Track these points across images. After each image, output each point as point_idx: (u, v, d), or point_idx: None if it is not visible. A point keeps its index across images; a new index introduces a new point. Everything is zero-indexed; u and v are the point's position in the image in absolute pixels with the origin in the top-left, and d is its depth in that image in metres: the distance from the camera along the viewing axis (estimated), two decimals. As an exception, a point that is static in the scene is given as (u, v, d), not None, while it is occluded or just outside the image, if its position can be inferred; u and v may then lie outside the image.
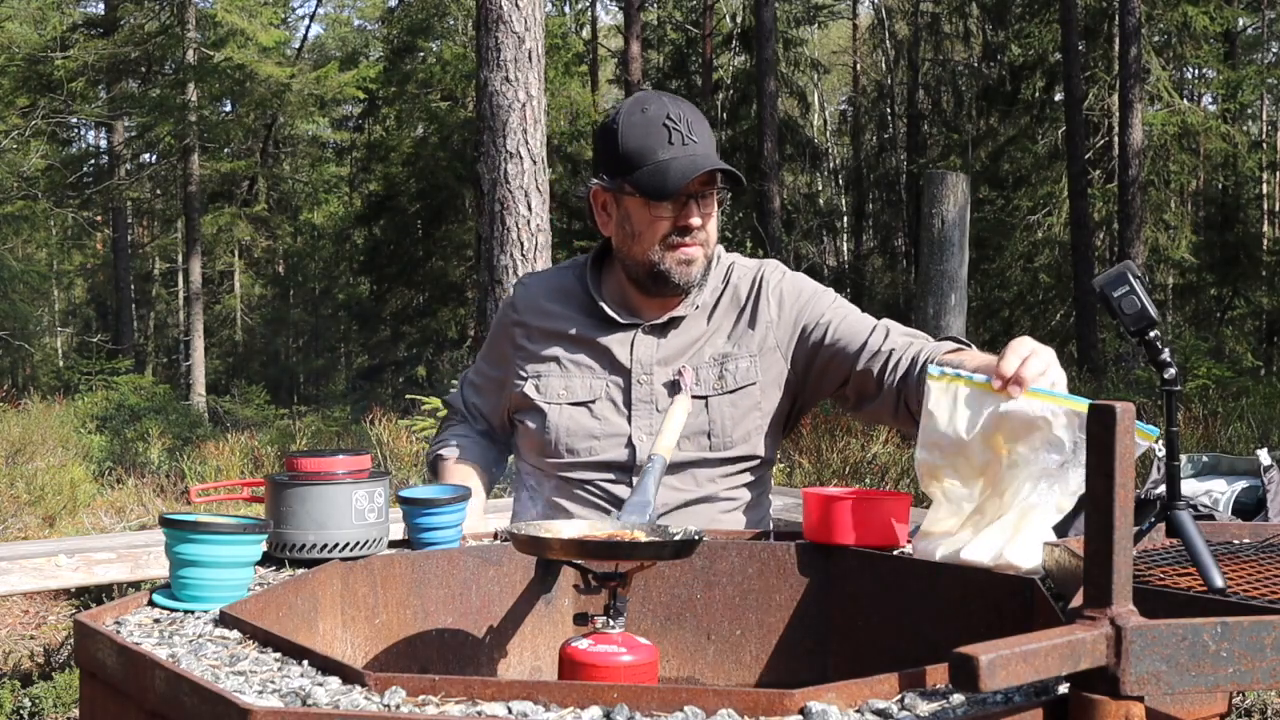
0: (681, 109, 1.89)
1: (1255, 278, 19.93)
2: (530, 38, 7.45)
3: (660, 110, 1.87)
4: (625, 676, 1.31)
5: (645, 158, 1.85)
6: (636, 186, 1.86)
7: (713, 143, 1.91)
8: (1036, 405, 1.48)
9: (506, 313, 2.09)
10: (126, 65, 20.81)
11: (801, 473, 7.46)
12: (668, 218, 1.88)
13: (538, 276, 2.12)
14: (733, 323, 1.98)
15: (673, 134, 1.85)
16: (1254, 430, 8.12)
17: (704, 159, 1.85)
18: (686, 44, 23.23)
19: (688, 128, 1.86)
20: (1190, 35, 18.83)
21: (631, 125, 1.87)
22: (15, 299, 17.86)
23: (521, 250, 7.42)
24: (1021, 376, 1.48)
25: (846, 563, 1.62)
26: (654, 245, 1.90)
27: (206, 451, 9.94)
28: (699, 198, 1.88)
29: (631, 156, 1.86)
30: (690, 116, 1.88)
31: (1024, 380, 1.48)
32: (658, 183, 1.84)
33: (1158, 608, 1.12)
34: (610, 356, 1.96)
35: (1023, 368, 1.49)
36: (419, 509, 1.61)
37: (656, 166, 1.84)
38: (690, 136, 1.85)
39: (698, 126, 1.88)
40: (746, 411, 1.94)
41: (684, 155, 1.84)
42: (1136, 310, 1.32)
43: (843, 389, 1.97)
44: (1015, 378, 1.48)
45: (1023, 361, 1.50)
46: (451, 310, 21.71)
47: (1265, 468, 2.29)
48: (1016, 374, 1.48)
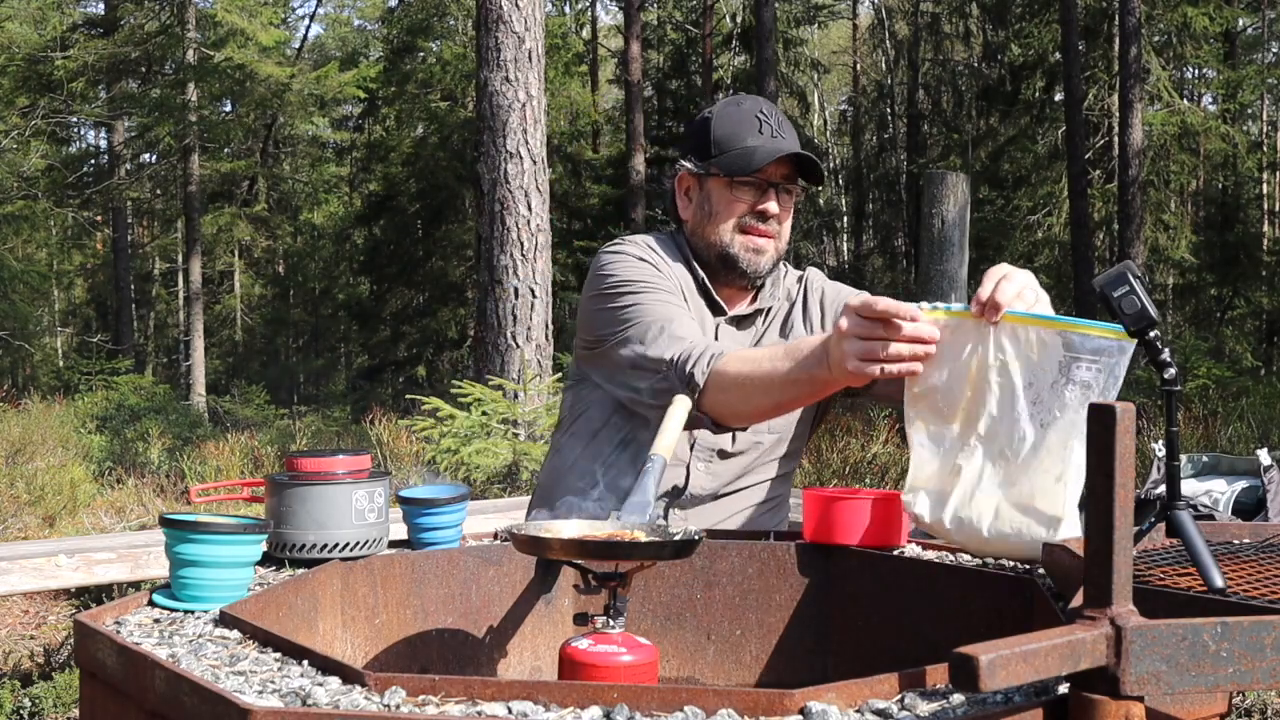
0: (774, 109, 2.01)
1: (1255, 278, 19.94)
2: (530, 38, 7.45)
3: (754, 106, 2.00)
4: (625, 676, 1.31)
5: (734, 142, 1.96)
6: (722, 166, 1.96)
7: (799, 144, 2.00)
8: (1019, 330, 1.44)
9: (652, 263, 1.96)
10: (126, 65, 20.81)
11: (801, 473, 7.46)
12: (746, 200, 1.96)
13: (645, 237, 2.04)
14: (784, 316, 2.07)
15: (763, 125, 1.96)
16: (1254, 430, 8.12)
17: (790, 145, 1.96)
18: (686, 44, 23.24)
19: (777, 123, 1.98)
20: (1190, 35, 18.84)
21: (725, 115, 2.00)
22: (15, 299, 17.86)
23: (521, 250, 7.43)
24: (996, 301, 1.44)
25: (846, 563, 1.62)
26: (729, 227, 1.97)
27: (206, 451, 9.94)
28: (780, 189, 1.97)
29: (721, 141, 1.97)
30: (780, 117, 2.00)
31: (999, 304, 1.44)
32: (744, 162, 1.93)
33: (1158, 608, 1.12)
34: None
35: (996, 291, 1.45)
36: (419, 509, 1.61)
37: (744, 149, 1.94)
38: (779, 131, 1.97)
39: (786, 126, 1.99)
40: None
41: (771, 142, 1.95)
42: (1136, 310, 1.32)
43: None
44: (990, 302, 1.45)
45: (996, 285, 1.46)
46: (451, 310, 21.71)
47: (1265, 468, 2.29)
48: (991, 298, 1.45)
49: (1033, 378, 1.43)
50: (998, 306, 1.44)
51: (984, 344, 1.46)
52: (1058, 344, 1.43)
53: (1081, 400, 1.41)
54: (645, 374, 1.82)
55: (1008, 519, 1.45)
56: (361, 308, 24.03)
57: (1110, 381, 1.40)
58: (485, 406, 6.90)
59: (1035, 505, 1.44)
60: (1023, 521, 1.44)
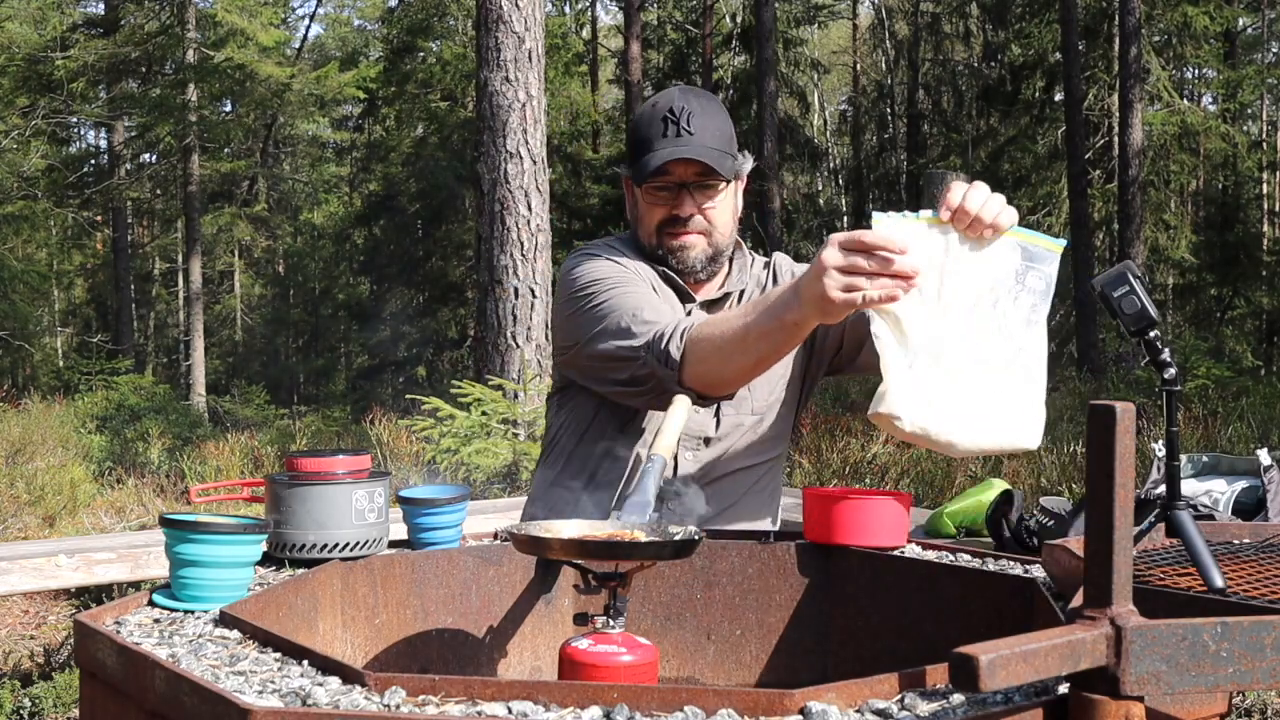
0: (690, 103, 1.93)
1: (1255, 278, 19.94)
2: (530, 38, 7.45)
3: (667, 104, 1.94)
4: (625, 676, 1.31)
5: (643, 147, 1.94)
6: (632, 173, 1.96)
7: (720, 138, 1.94)
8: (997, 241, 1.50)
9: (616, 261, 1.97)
10: (126, 65, 20.80)
11: (801, 473, 7.46)
12: (660, 205, 1.96)
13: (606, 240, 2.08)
14: None
15: (669, 125, 1.91)
16: (1254, 430, 8.12)
17: (687, 149, 1.89)
18: (686, 44, 23.23)
19: (687, 121, 1.91)
20: (1190, 35, 18.85)
21: (641, 116, 1.98)
22: (15, 299, 17.86)
23: (521, 250, 7.42)
24: (966, 207, 1.48)
25: (846, 563, 1.62)
26: (651, 231, 1.98)
27: (206, 451, 9.94)
28: (694, 189, 1.94)
29: (635, 145, 1.97)
30: (697, 110, 1.92)
31: (968, 210, 1.47)
32: (644, 169, 1.92)
33: (1158, 608, 1.12)
34: None
35: (966, 200, 1.48)
36: (419, 509, 1.61)
37: (649, 155, 1.92)
38: (686, 129, 1.90)
39: (701, 120, 1.91)
40: (777, 380, 2.01)
41: (671, 146, 1.90)
42: (1136, 310, 1.32)
43: (841, 344, 2.01)
44: (961, 209, 1.48)
45: (964, 194, 1.49)
46: (451, 310, 21.71)
47: (1265, 468, 2.28)
48: (962, 205, 1.48)
49: (994, 283, 1.49)
50: (968, 212, 1.48)
51: (950, 252, 1.50)
52: (1016, 253, 1.50)
53: (1030, 305, 1.50)
54: (624, 364, 1.81)
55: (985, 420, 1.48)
56: (361, 308, 24.03)
57: (1048, 288, 1.51)
58: (485, 406, 6.90)
59: (1009, 406, 1.50)
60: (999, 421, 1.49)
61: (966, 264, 1.50)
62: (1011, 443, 1.51)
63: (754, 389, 1.98)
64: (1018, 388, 1.51)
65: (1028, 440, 1.51)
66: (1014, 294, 1.51)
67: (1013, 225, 1.51)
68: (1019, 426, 1.51)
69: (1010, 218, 1.50)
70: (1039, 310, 1.51)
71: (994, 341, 1.50)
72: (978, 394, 1.48)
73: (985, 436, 1.50)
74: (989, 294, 1.50)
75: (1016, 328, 1.50)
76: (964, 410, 1.49)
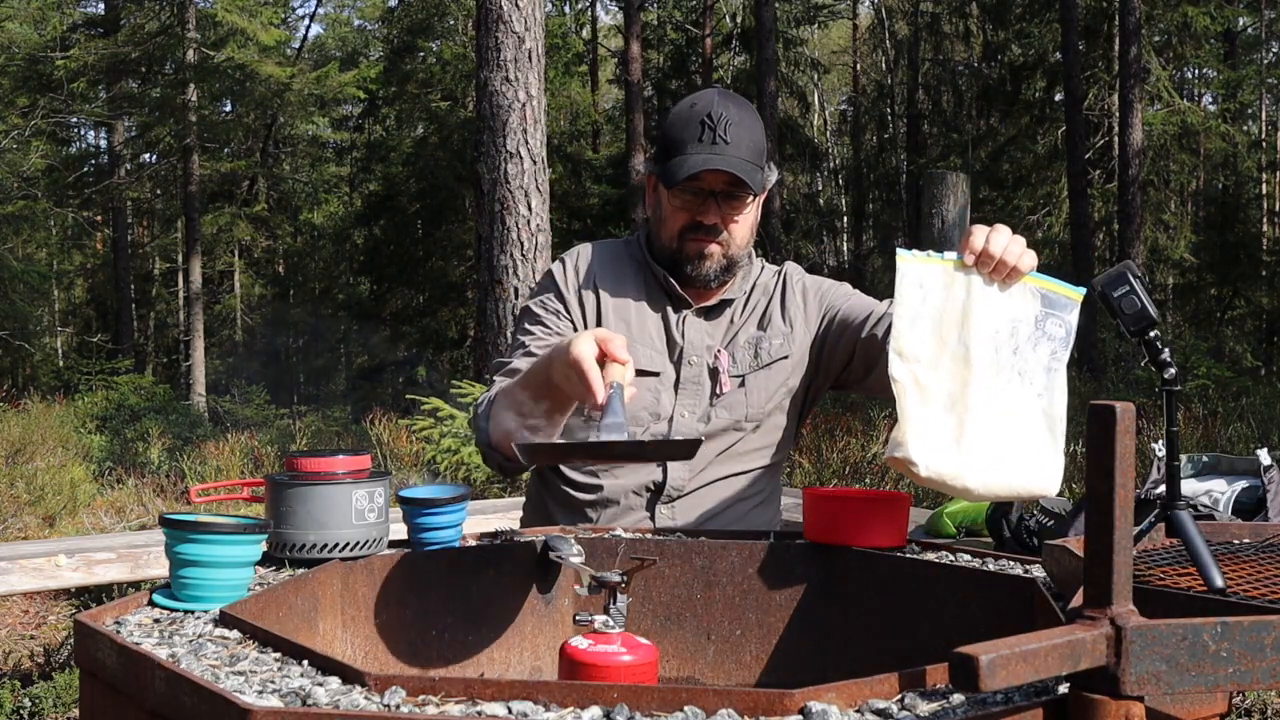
0: (729, 110, 1.91)
1: (1255, 278, 19.93)
2: (530, 38, 7.45)
3: (706, 107, 1.92)
4: (625, 676, 1.31)
5: (676, 149, 1.92)
6: (662, 174, 1.94)
7: (754, 150, 1.92)
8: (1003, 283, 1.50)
9: (563, 278, 2.04)
10: (126, 65, 20.80)
11: (801, 473, 7.46)
12: (686, 210, 1.95)
13: (591, 246, 2.11)
14: (763, 310, 2.05)
15: (706, 131, 1.89)
16: (1254, 430, 8.12)
17: (722, 160, 1.88)
18: (686, 44, 23.23)
19: (724, 128, 1.89)
20: (1190, 35, 18.84)
21: (677, 116, 1.95)
22: (15, 299, 17.86)
23: (521, 250, 7.42)
24: (990, 251, 1.49)
25: (846, 563, 1.62)
26: (673, 233, 1.97)
27: (206, 451, 9.94)
28: (722, 198, 1.93)
29: (668, 145, 1.94)
30: (735, 119, 1.90)
31: (993, 254, 1.49)
32: (675, 173, 1.90)
33: (1158, 608, 1.12)
34: (669, 332, 2.01)
35: (990, 243, 1.50)
36: (419, 509, 1.61)
37: (681, 159, 1.90)
38: (723, 136, 1.89)
39: (737, 130, 1.90)
40: (777, 387, 2.01)
41: (707, 153, 1.88)
42: (1136, 310, 1.32)
43: (850, 361, 2.02)
44: (985, 252, 1.49)
45: (987, 237, 1.50)
46: (451, 310, 21.70)
47: (1265, 468, 2.28)
48: (986, 249, 1.50)
49: (1014, 329, 1.50)
50: (992, 256, 1.49)
51: (971, 294, 1.50)
52: (1037, 299, 1.51)
53: (1050, 352, 1.50)
54: None
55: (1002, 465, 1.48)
56: (361, 308, 24.01)
57: (1069, 335, 1.51)
58: (485, 406, 6.89)
59: (1028, 452, 1.49)
60: (1017, 467, 1.49)
61: (988, 308, 1.50)
62: (1028, 488, 1.50)
63: (750, 395, 1.98)
64: (1037, 434, 1.50)
65: (1046, 486, 1.50)
66: (1034, 340, 1.50)
67: (1033, 268, 1.52)
68: (1036, 472, 1.50)
69: (1031, 260, 1.51)
70: (1059, 357, 1.51)
71: (1014, 387, 1.49)
72: (996, 439, 1.48)
73: (1002, 482, 1.49)
74: (1009, 340, 1.49)
75: (1037, 373, 1.50)
76: (981, 456, 1.48)
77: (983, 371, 1.49)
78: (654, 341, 2.00)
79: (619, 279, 2.03)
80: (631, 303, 2.02)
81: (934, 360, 1.49)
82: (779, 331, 2.03)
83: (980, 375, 1.49)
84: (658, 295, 2.03)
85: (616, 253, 2.08)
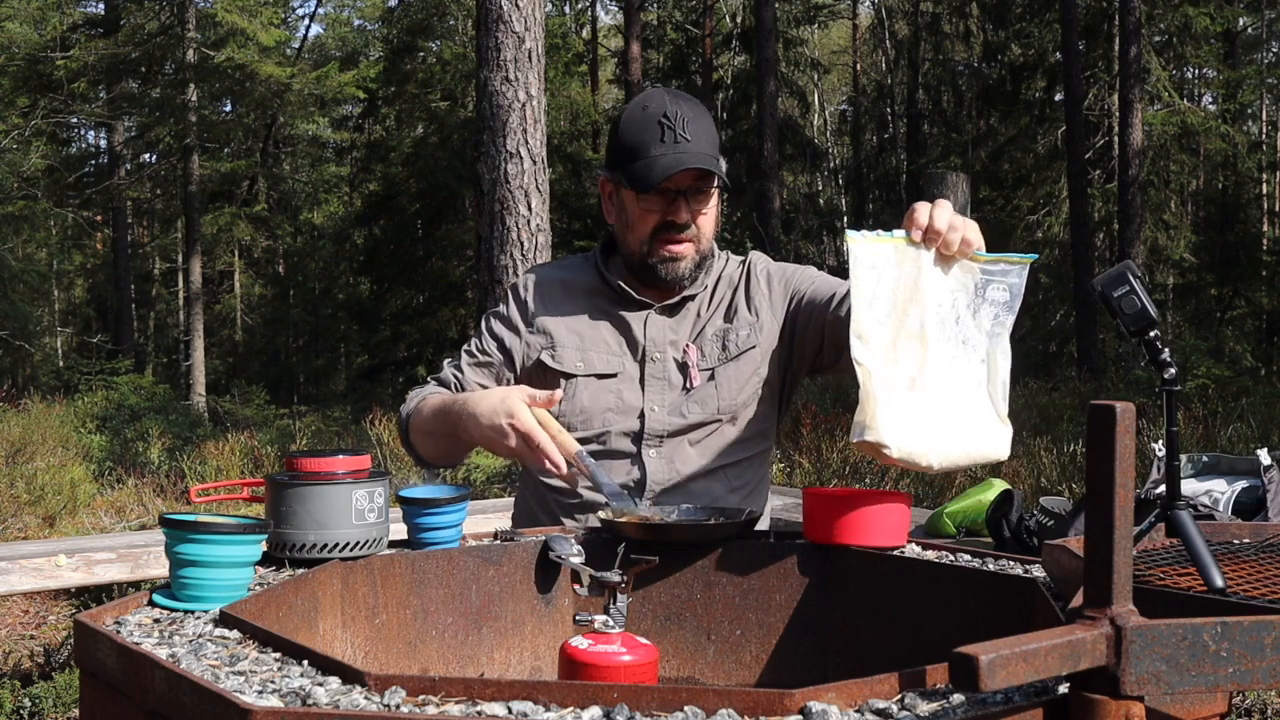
0: (682, 108, 1.94)
1: (1255, 278, 19.93)
2: (530, 38, 7.45)
3: (660, 108, 1.94)
4: (625, 676, 1.31)
5: (639, 152, 1.93)
6: (627, 179, 1.95)
7: (712, 143, 1.96)
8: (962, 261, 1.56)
9: (517, 292, 2.12)
10: (126, 65, 20.79)
11: (801, 473, 7.46)
12: (656, 212, 1.96)
13: (546, 265, 2.20)
14: (729, 302, 2.07)
15: (666, 131, 1.92)
16: (1254, 430, 8.12)
17: (690, 157, 1.91)
18: (686, 44, 23.23)
19: (683, 126, 1.92)
20: (1190, 35, 18.84)
21: (631, 120, 1.96)
22: (15, 299, 17.86)
23: (521, 250, 7.42)
24: (936, 226, 1.54)
25: (846, 563, 1.61)
26: (644, 238, 1.99)
27: (206, 451, 9.93)
28: (689, 195, 1.95)
29: (627, 150, 1.95)
30: (689, 115, 1.94)
31: (938, 229, 1.54)
32: (643, 176, 1.91)
33: (1158, 608, 1.12)
34: (628, 334, 2.04)
35: (933, 219, 1.55)
36: (419, 509, 1.61)
37: (647, 161, 1.91)
38: (683, 134, 1.92)
39: (694, 125, 1.93)
40: (748, 377, 2.02)
41: (672, 152, 1.91)
42: (1136, 310, 1.32)
43: (822, 345, 2.04)
44: (931, 228, 1.54)
45: (930, 213, 1.55)
46: (451, 310, 21.70)
47: (1265, 468, 2.28)
48: (931, 224, 1.54)
49: (955, 299, 1.55)
50: (938, 231, 1.54)
51: (916, 271, 1.55)
52: (976, 267, 1.56)
53: (993, 317, 1.56)
54: None
55: (958, 435, 1.52)
56: (361, 308, 24.01)
57: (1013, 299, 1.56)
58: (485, 406, 6.89)
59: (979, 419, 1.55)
60: (970, 435, 1.54)
61: (936, 282, 1.55)
62: (983, 454, 1.55)
63: (721, 388, 2.00)
64: (982, 400, 1.55)
65: (998, 450, 1.55)
66: (974, 307, 1.55)
67: (980, 245, 1.57)
68: (986, 438, 1.55)
69: (976, 234, 1.56)
70: (1001, 321, 1.56)
71: (960, 356, 1.54)
72: (949, 411, 1.52)
73: (959, 451, 1.53)
74: (950, 310, 1.54)
75: (979, 339, 1.55)
76: (941, 429, 1.52)
77: (936, 346, 1.54)
78: (610, 345, 2.03)
79: (568, 294, 2.09)
80: (585, 315, 2.06)
81: (892, 341, 1.53)
82: (745, 322, 2.04)
83: (934, 350, 1.54)
84: (613, 302, 2.05)
85: (568, 267, 2.14)
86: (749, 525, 1.67)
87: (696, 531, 1.67)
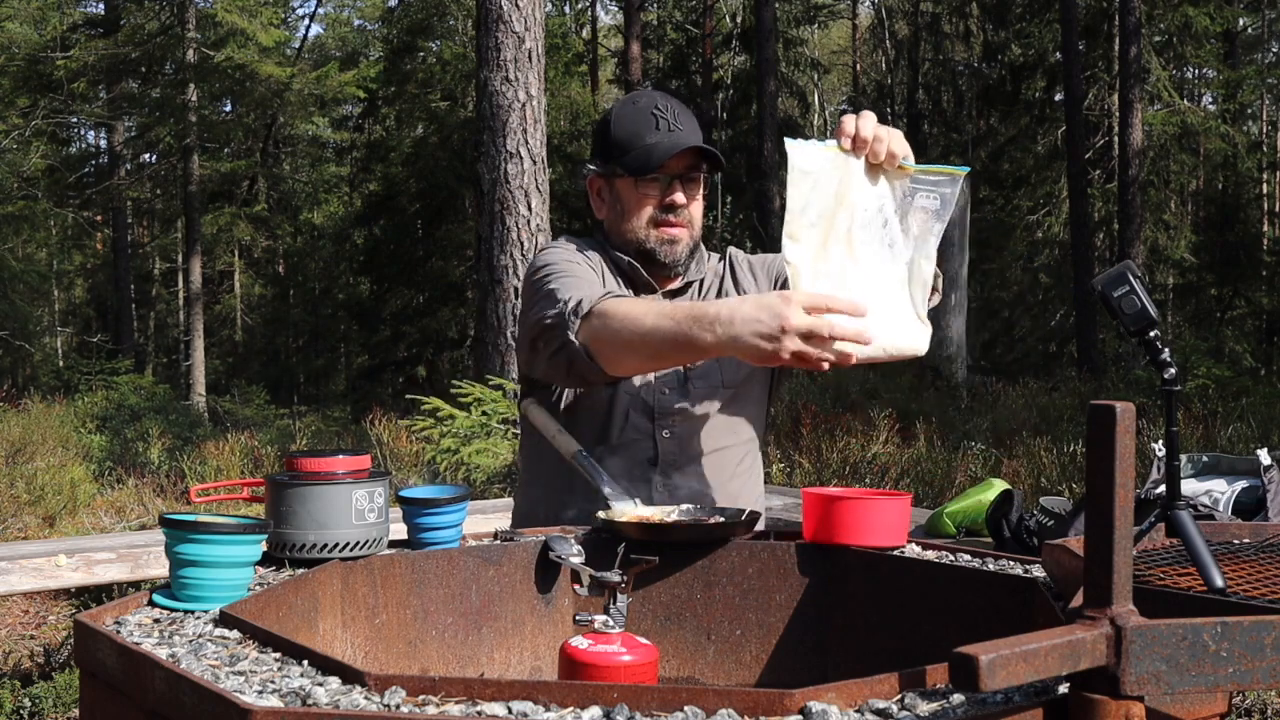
0: (670, 102, 2.06)
1: (1255, 278, 19.94)
2: (530, 38, 7.45)
3: (650, 102, 2.05)
4: (625, 676, 1.31)
5: (634, 142, 2.01)
6: (626, 167, 2.01)
7: (698, 133, 2.05)
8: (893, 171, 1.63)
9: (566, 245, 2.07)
10: (126, 65, 20.80)
11: (801, 473, 7.46)
12: (654, 196, 2.03)
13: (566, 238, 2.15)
14: (718, 291, 2.14)
15: (659, 121, 2.01)
16: (1254, 430, 8.12)
17: (687, 139, 2.00)
18: (686, 44, 23.24)
19: (674, 116, 2.02)
20: (1190, 35, 18.84)
21: (623, 115, 2.05)
22: (15, 299, 17.86)
23: (521, 250, 7.43)
24: (863, 135, 1.61)
25: (846, 563, 1.62)
26: (642, 223, 2.04)
27: (206, 451, 9.93)
28: (684, 180, 2.03)
29: (622, 142, 2.02)
30: (677, 108, 2.05)
31: (866, 138, 1.61)
32: (643, 161, 1.99)
33: (1158, 608, 1.12)
34: None
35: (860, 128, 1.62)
36: (419, 509, 1.61)
37: (644, 148, 1.99)
38: (676, 124, 2.02)
39: (684, 116, 2.04)
40: None
41: (668, 138, 2.00)
42: (1136, 310, 1.32)
43: None
44: (859, 137, 1.61)
45: (856, 124, 1.62)
46: (451, 310, 21.70)
47: (1265, 468, 2.28)
48: (859, 133, 1.62)
49: (883, 205, 1.63)
50: (865, 140, 1.62)
51: (847, 179, 1.62)
52: (905, 176, 1.64)
53: (923, 223, 1.64)
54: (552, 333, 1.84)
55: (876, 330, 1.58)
56: (361, 308, 24.00)
57: (944, 206, 1.63)
58: (485, 406, 6.91)
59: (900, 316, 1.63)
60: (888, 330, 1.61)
61: (865, 190, 1.63)
62: (900, 349, 1.62)
63: (722, 363, 2.03)
64: (903, 299, 1.63)
65: (916, 346, 1.63)
66: (901, 212, 1.63)
67: (908, 154, 1.63)
68: (908, 334, 1.63)
69: (902, 143, 1.63)
70: (929, 227, 1.63)
71: (886, 260, 1.63)
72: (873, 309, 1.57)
73: (877, 346, 1.59)
74: (877, 215, 1.62)
75: (904, 244, 1.63)
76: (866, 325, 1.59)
77: (861, 248, 1.62)
78: None
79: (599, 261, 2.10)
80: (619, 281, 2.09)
81: (823, 243, 1.60)
82: None
83: (860, 251, 1.61)
84: (624, 284, 2.08)
85: (590, 243, 2.15)
86: (749, 525, 1.68)
87: (696, 531, 1.67)
